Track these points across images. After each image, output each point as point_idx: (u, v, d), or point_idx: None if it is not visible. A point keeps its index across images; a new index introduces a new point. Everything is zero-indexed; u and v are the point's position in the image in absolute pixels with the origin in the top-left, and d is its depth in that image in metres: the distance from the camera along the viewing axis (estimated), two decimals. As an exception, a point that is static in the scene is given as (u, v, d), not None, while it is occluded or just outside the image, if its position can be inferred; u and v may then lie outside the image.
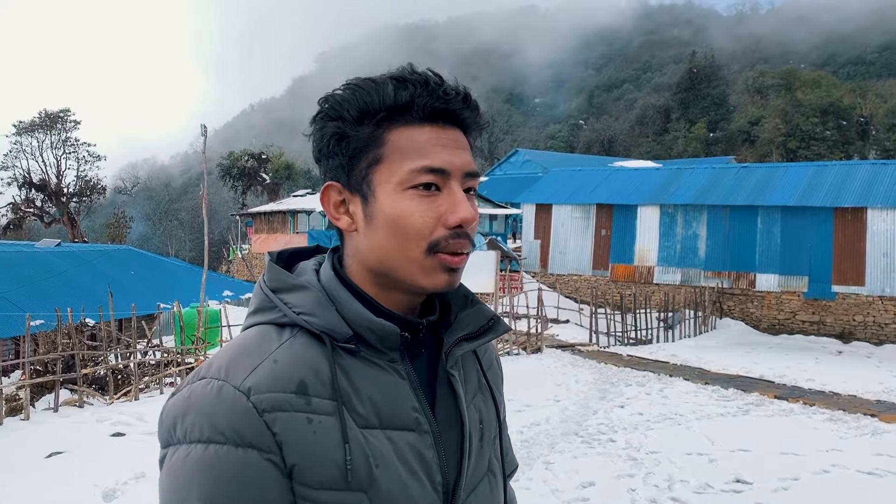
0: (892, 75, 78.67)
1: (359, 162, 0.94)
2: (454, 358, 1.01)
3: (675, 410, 10.35)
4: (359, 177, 0.94)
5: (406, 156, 0.92)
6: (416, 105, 0.93)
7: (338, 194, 0.96)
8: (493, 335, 1.04)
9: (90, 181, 45.66)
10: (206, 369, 0.91)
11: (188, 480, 0.84)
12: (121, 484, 6.45)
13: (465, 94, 0.96)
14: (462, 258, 0.95)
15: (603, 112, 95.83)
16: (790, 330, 22.17)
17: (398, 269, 0.94)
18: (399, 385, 0.94)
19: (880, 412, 10.49)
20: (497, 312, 1.19)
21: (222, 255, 45.19)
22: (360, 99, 0.93)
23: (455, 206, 0.93)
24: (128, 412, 9.52)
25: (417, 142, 0.93)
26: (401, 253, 0.93)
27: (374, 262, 0.95)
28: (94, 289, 17.53)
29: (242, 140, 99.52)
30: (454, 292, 1.04)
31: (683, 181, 26.17)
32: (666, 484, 6.88)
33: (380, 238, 0.93)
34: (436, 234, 0.92)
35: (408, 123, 0.93)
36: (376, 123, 0.93)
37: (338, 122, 0.94)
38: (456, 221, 0.92)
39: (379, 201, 0.93)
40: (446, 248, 0.93)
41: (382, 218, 0.93)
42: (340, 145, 0.94)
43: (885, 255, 20.99)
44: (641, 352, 17.24)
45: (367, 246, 0.95)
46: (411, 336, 0.96)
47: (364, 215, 0.94)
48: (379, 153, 0.93)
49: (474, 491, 1.01)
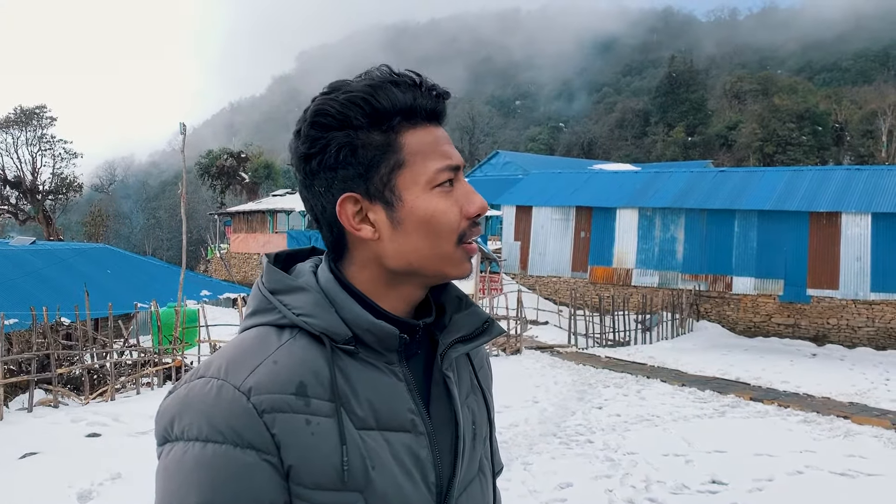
0: (867, 82, 79.87)
1: (378, 169, 0.93)
2: (450, 359, 1.02)
3: (652, 412, 10.44)
4: (379, 184, 0.94)
5: (427, 157, 0.95)
6: (418, 106, 0.95)
7: (355, 205, 0.95)
8: (488, 337, 1.05)
9: (66, 178, 45.11)
10: (204, 368, 0.91)
11: (186, 478, 0.85)
12: (96, 485, 6.38)
13: (447, 93, 0.99)
14: (475, 245, 1.00)
15: (583, 115, 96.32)
16: (766, 332, 22.44)
17: (429, 267, 0.96)
18: (396, 387, 0.95)
19: (853, 414, 10.65)
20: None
21: (200, 255, 44.81)
22: (368, 104, 0.93)
23: (471, 196, 0.97)
24: (104, 412, 9.43)
25: (428, 142, 0.95)
26: (434, 250, 0.95)
27: (401, 265, 0.96)
28: (70, 287, 17.31)
29: (222, 139, 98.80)
30: (448, 295, 1.05)
31: (662, 185, 26.39)
32: (643, 485, 6.94)
33: (411, 241, 0.95)
34: (462, 226, 0.96)
35: (414, 125, 0.95)
36: (390, 128, 0.94)
37: (346, 130, 0.93)
38: (476, 210, 0.97)
39: (408, 205, 0.94)
40: (467, 237, 0.97)
41: (414, 220, 0.94)
42: (355, 155, 0.93)
43: (859, 259, 21.32)
44: (619, 353, 17.36)
45: (394, 250, 0.95)
46: (408, 338, 0.97)
47: (390, 221, 0.94)
48: (399, 158, 0.94)
49: (466, 490, 1.02)
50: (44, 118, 44.69)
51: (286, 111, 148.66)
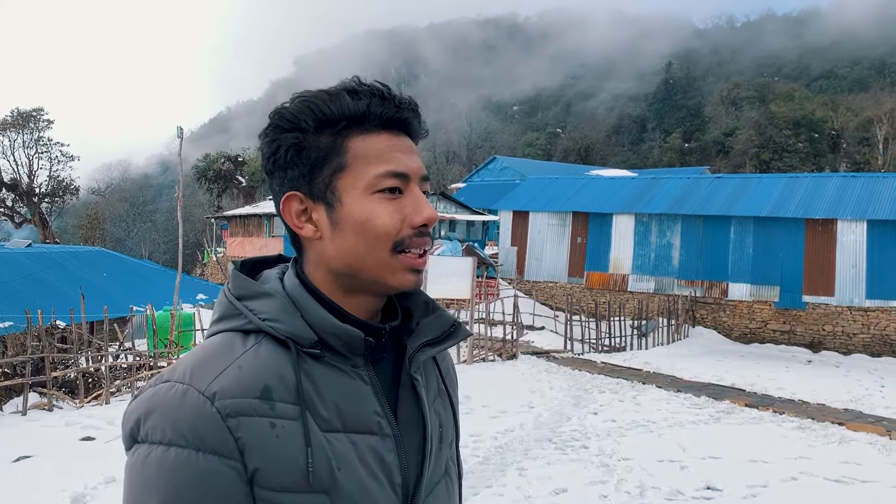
0: (863, 90, 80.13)
1: (321, 170, 0.97)
2: (418, 362, 1.03)
3: (647, 417, 10.44)
4: (322, 185, 0.97)
5: (370, 162, 0.96)
6: (372, 114, 0.97)
7: (299, 204, 0.98)
8: (455, 340, 1.06)
9: (63, 181, 45.07)
10: (169, 373, 0.92)
11: (148, 481, 0.85)
12: (90, 489, 6.37)
13: (414, 104, 1.01)
14: (424, 259, 1.00)
15: (580, 121, 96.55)
16: (761, 339, 22.47)
17: (365, 271, 0.97)
18: (362, 390, 0.96)
19: (847, 421, 10.67)
20: (473, 319, 1.22)
21: (197, 258, 44.78)
22: (318, 109, 0.96)
23: (419, 206, 0.98)
24: (98, 416, 9.40)
25: (378, 148, 0.97)
26: (368, 254, 0.96)
27: (341, 266, 0.98)
28: (66, 290, 17.30)
29: (219, 142, 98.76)
30: (415, 299, 1.07)
31: (658, 191, 26.45)
32: (637, 490, 6.94)
33: (347, 242, 0.96)
34: (401, 233, 0.97)
35: (366, 131, 0.98)
36: (336, 132, 0.97)
37: (295, 132, 0.96)
38: (421, 221, 0.98)
39: (346, 207, 0.96)
40: (410, 245, 0.97)
41: (350, 222, 0.96)
42: (300, 156, 0.97)
43: (854, 266, 21.38)
44: (615, 359, 17.36)
45: (333, 251, 0.97)
46: (374, 341, 0.99)
47: (329, 222, 0.97)
48: (342, 161, 0.96)
49: (432, 493, 1.03)
50: (41, 121, 44.71)
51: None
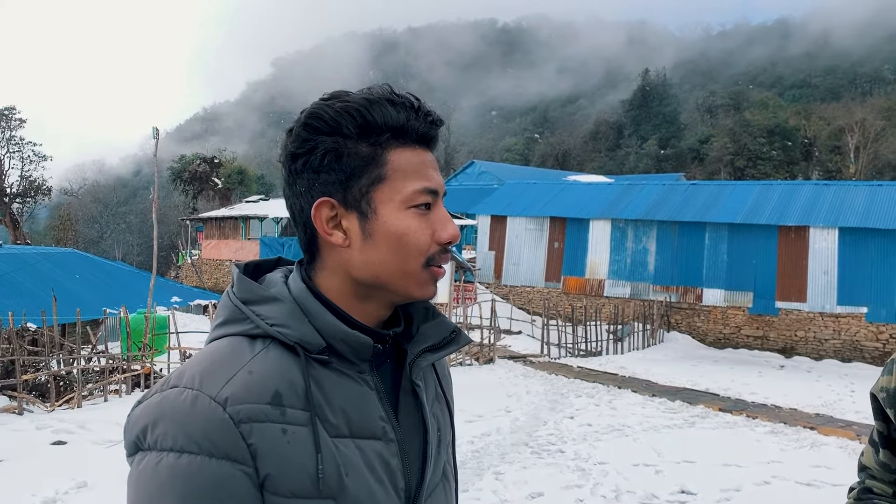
0: (836, 99, 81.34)
1: (359, 180, 0.96)
2: (419, 368, 1.04)
3: (623, 422, 10.51)
4: (357, 194, 0.96)
5: (408, 176, 0.97)
6: (410, 128, 0.97)
7: (330, 210, 0.97)
8: (455, 347, 1.07)
9: (35, 181, 44.40)
10: (177, 378, 0.91)
11: (160, 489, 0.84)
12: (61, 494, 6.27)
13: (441, 120, 1.01)
14: (444, 270, 1.02)
15: (558, 126, 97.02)
16: (735, 344, 22.70)
17: (394, 283, 0.98)
18: (368, 395, 0.97)
19: (819, 425, 10.81)
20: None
21: (171, 261, 44.32)
22: (360, 116, 0.95)
23: (445, 223, 0.99)
24: (70, 420, 9.26)
25: (414, 163, 0.98)
26: (400, 267, 0.97)
27: (367, 276, 0.97)
28: (37, 292, 17.04)
29: (195, 143, 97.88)
30: (416, 305, 1.07)
31: (634, 196, 26.64)
32: (613, 494, 6.98)
33: (380, 253, 0.96)
34: (431, 249, 0.98)
35: (403, 145, 0.98)
36: (378, 142, 0.96)
37: (335, 136, 0.95)
38: (447, 238, 0.99)
39: (381, 219, 0.96)
40: (435, 261, 0.99)
41: (386, 235, 0.96)
42: (339, 162, 0.95)
43: (826, 272, 21.68)
44: (591, 363, 17.45)
45: (361, 261, 0.97)
46: (380, 347, 0.99)
47: (361, 231, 0.96)
48: (381, 172, 0.96)
49: (431, 496, 1.05)
50: (13, 120, 44.04)
51: (261, 117, 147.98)
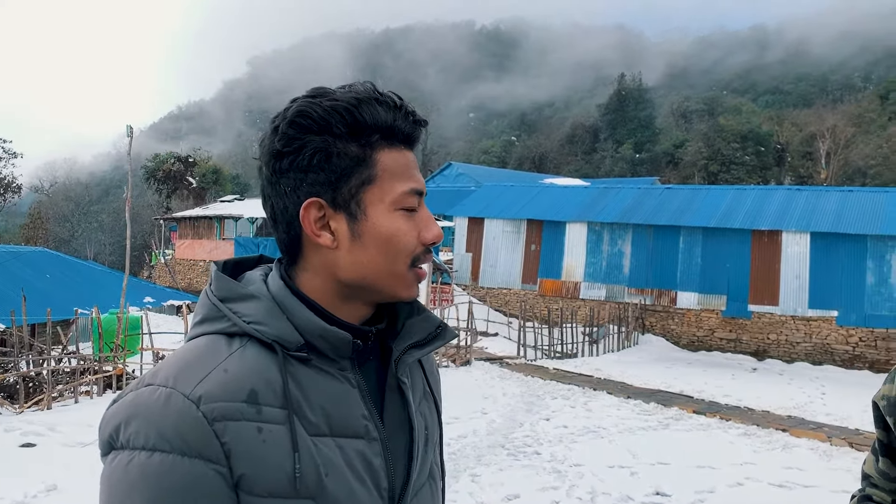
0: (807, 106, 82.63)
1: (348, 180, 0.95)
2: (405, 365, 1.02)
3: (598, 424, 10.55)
4: (347, 195, 0.95)
5: (396, 178, 0.96)
6: (397, 128, 0.97)
7: (318, 211, 0.95)
8: (442, 342, 1.06)
9: (5, 179, 43.66)
10: (151, 376, 0.89)
11: (130, 488, 0.83)
12: (30, 497, 6.16)
13: (424, 121, 1.01)
14: (425, 270, 1.02)
15: (535, 130, 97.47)
16: (708, 347, 22.94)
17: (380, 284, 0.97)
18: (349, 393, 0.95)
19: (791, 427, 10.95)
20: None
21: (144, 260, 43.79)
22: (350, 115, 0.93)
23: (429, 224, 1.00)
24: (39, 422, 9.10)
25: (401, 164, 0.97)
26: (388, 268, 0.96)
27: (354, 277, 0.96)
28: (6, 292, 16.73)
29: (170, 142, 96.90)
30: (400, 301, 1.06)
31: (610, 200, 26.83)
32: (589, 496, 7.00)
33: (368, 255, 0.95)
34: (417, 250, 0.98)
35: (391, 146, 0.97)
36: (367, 143, 0.95)
37: (324, 136, 0.93)
38: (432, 239, 0.99)
39: (371, 220, 0.95)
40: (420, 262, 0.99)
41: (375, 236, 0.95)
42: (329, 162, 0.94)
43: (798, 276, 21.99)
44: (567, 365, 17.51)
45: (349, 262, 0.96)
46: (361, 344, 0.97)
47: (350, 233, 0.95)
48: (371, 173, 0.95)
49: (416, 496, 1.03)
50: (-18, 116, 43.20)
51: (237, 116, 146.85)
